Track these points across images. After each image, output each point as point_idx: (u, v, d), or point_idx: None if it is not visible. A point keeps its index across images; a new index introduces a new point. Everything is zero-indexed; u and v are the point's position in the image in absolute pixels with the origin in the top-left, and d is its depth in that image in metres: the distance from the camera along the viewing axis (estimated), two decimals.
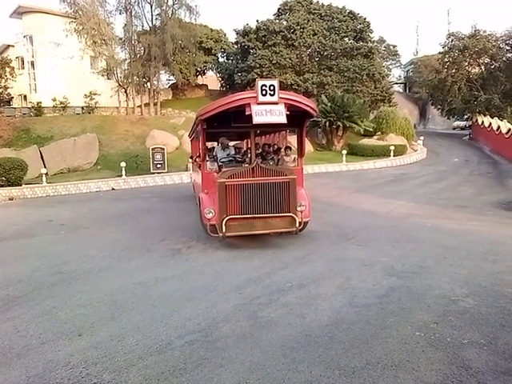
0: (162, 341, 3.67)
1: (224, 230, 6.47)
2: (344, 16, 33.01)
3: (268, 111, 6.22)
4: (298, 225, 6.65)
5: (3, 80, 27.11)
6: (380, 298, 4.59)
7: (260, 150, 9.66)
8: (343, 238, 7.45)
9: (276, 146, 10.13)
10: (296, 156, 8.73)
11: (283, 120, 6.26)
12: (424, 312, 4.18)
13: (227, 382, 3.03)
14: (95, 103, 29.67)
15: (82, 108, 29.81)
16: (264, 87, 6.23)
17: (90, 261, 6.56)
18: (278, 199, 6.62)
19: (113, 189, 17.94)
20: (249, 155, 9.70)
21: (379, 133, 28.31)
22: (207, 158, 8.48)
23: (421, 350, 3.42)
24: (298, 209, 6.80)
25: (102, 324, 4.09)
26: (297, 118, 7.28)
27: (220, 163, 8.46)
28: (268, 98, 6.23)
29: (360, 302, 4.46)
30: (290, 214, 6.65)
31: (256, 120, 6.17)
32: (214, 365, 3.25)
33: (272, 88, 6.24)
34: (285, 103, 6.37)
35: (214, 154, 9.00)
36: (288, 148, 9.26)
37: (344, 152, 23.64)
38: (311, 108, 7.13)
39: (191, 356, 3.39)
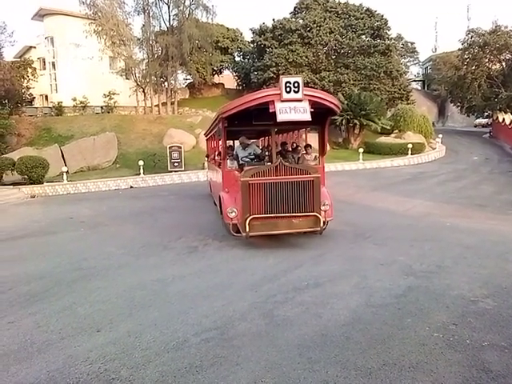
0: (178, 338, 3.72)
1: (247, 230, 6.40)
2: (361, 14, 32.65)
3: (292, 108, 6.10)
4: (322, 224, 6.55)
5: (25, 81, 27.71)
6: (397, 297, 4.54)
7: (279, 148, 9.52)
8: (360, 237, 7.39)
9: (295, 144, 9.97)
10: (317, 154, 8.57)
11: (307, 117, 6.14)
12: (442, 313, 4.12)
13: (243, 380, 3.05)
14: (114, 103, 30.10)
15: (102, 107, 30.29)
16: (288, 84, 6.10)
17: (109, 258, 6.68)
18: (302, 198, 6.50)
19: (131, 187, 18.19)
20: (268, 153, 9.52)
21: (397, 131, 27.93)
22: (227, 157, 8.32)
23: (439, 352, 3.37)
24: (322, 208, 6.66)
25: (120, 320, 4.16)
26: (319, 115, 7.11)
27: (241, 162, 8.39)
28: (292, 95, 6.11)
29: (377, 302, 4.42)
30: (314, 214, 6.53)
31: (280, 118, 6.07)
32: (230, 363, 3.27)
33: (296, 85, 6.11)
34: (309, 100, 6.25)
35: (235, 152, 8.91)
36: (309, 146, 9.02)
37: (361, 150, 23.42)
38: (335, 105, 6.99)
39: (207, 353, 3.42)
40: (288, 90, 6.09)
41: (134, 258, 6.61)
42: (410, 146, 24.19)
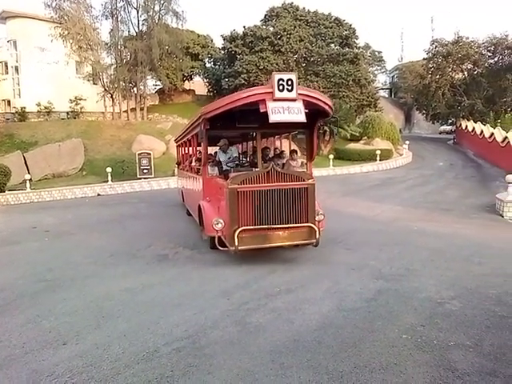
0: (148, 348, 3.62)
1: (237, 244, 5.73)
2: (330, 23, 33.35)
3: (285, 109, 5.58)
4: (318, 235, 6.01)
5: None
6: (368, 301, 4.61)
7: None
8: (331, 242, 7.47)
9: (278, 150, 9.46)
10: (304, 160, 8.07)
11: (302, 119, 5.64)
12: (411, 315, 4.21)
13: None
14: (81, 108, 29.37)
15: (68, 113, 29.49)
16: (281, 82, 5.57)
17: (76, 268, 6.46)
18: (296, 207, 5.98)
19: (98, 194, 17.75)
20: (247, 159, 9.27)
21: (365, 137, 28.59)
22: (208, 162, 7.74)
23: (408, 353, 3.43)
24: (317, 218, 6.19)
25: (88, 332, 4.02)
26: (308, 118, 6.49)
27: (225, 167, 7.96)
28: (285, 94, 5.60)
29: (348, 306, 4.47)
30: (309, 224, 6.02)
31: (273, 118, 5.52)
32: (202, 372, 3.22)
33: (290, 83, 5.60)
34: (303, 100, 5.77)
35: (217, 158, 8.37)
36: (294, 151, 8.50)
37: (331, 156, 23.80)
38: (329, 106, 6.53)
39: (178, 363, 3.35)
40: (281, 88, 5.58)
41: (102, 268, 6.42)
42: (378, 152, 24.80)
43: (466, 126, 31.33)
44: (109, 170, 18.77)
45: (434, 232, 8.31)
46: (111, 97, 29.43)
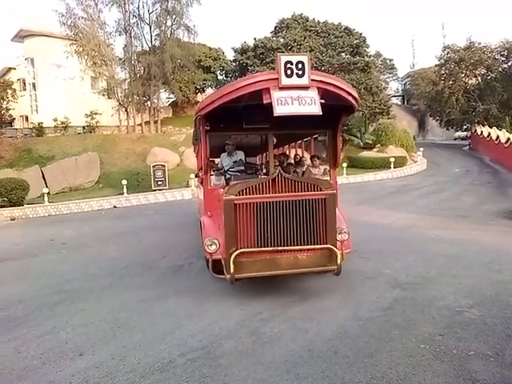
0: (163, 359, 3.63)
1: (232, 270, 4.58)
2: (340, 32, 33.47)
3: (295, 99, 4.50)
4: (339, 261, 4.77)
5: (5, 102, 27.39)
6: (384, 310, 4.54)
7: (276, 162, 7.44)
8: None
9: (298, 157, 8.37)
10: (326, 167, 6.89)
11: (316, 110, 4.50)
12: (429, 324, 4.13)
13: None
14: (96, 122, 29.94)
15: (84, 127, 30.07)
16: (289, 65, 4.49)
17: (92, 279, 6.53)
18: (311, 224, 4.82)
19: (114, 207, 17.96)
20: (263, 168, 7.75)
21: (379, 145, 28.39)
22: (211, 171, 6.60)
23: (426, 363, 3.37)
24: (339, 237, 5.01)
25: (104, 343, 4.05)
26: (329, 115, 5.22)
27: (228, 175, 6.65)
28: (295, 81, 4.52)
29: (363, 315, 4.42)
30: (328, 246, 4.82)
31: (278, 111, 4.44)
32: (217, 382, 3.21)
33: (301, 66, 4.51)
34: (318, 88, 4.64)
35: (220, 164, 7.04)
36: (315, 157, 7.34)
37: (344, 165, 23.68)
38: (353, 97, 5.26)
39: (193, 374, 3.34)
40: (289, 73, 4.50)
41: (118, 279, 6.48)
42: (392, 159, 24.59)
43: (482, 132, 30.87)
44: (124, 182, 19.03)
45: (451, 239, 8.17)
46: (126, 110, 29.93)
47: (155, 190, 19.71)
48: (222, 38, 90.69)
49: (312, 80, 4.62)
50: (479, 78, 35.76)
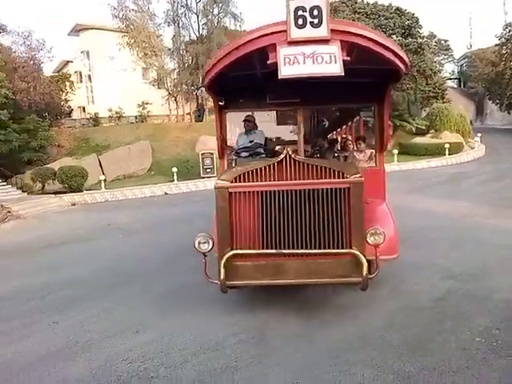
0: (216, 338, 3.76)
1: (223, 276, 3.75)
2: (391, 13, 32.06)
3: (308, 56, 3.46)
4: (366, 272, 3.67)
5: (64, 94, 28.98)
6: (436, 301, 4.41)
7: (313, 145, 6.45)
8: None
9: (340, 138, 7.17)
10: (373, 151, 5.65)
11: (338, 70, 3.44)
12: (485, 317, 3.96)
13: (278, 381, 3.05)
14: (147, 112, 30.97)
15: (136, 117, 31.22)
16: (301, 12, 3.46)
17: (146, 263, 6.84)
18: (329, 221, 3.79)
19: (166, 193, 18.60)
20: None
21: (433, 131, 27.14)
22: (226, 154, 5.78)
23: (481, 357, 3.24)
24: (370, 240, 3.77)
25: (159, 322, 4.25)
26: (372, 84, 4.50)
27: (234, 157, 5.69)
28: (309, 32, 3.47)
29: (414, 305, 4.31)
30: (352, 251, 3.74)
31: (284, 72, 3.44)
32: (265, 364, 3.29)
33: (316, 13, 3.46)
34: (341, 41, 3.52)
35: (236, 145, 5.97)
36: (360, 139, 6.13)
37: (395, 152, 22.90)
38: (399, 57, 3.97)
39: (243, 354, 3.44)
40: (301, 22, 3.47)
41: (171, 263, 6.73)
42: (447, 145, 23.44)
43: None
44: (174, 169, 19.63)
45: (510, 229, 7.71)
46: (175, 100, 30.65)
47: (204, 178, 20.15)
48: (267, 23, 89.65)
49: (333, 31, 3.50)
50: None
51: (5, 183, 18.53)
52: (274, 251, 3.81)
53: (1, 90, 19.08)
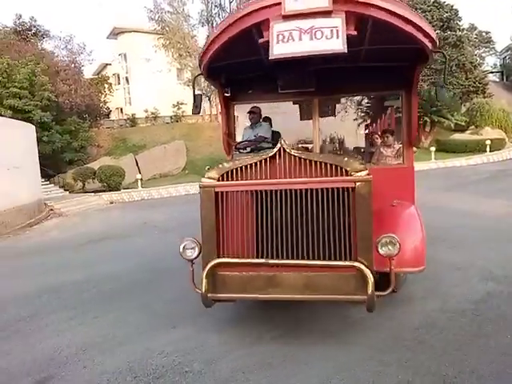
0: (251, 335, 3.81)
1: (205, 288, 3.36)
2: (428, 6, 31.07)
3: (306, 31, 3.00)
4: (371, 289, 3.09)
5: (103, 95, 30.01)
6: (475, 303, 4.27)
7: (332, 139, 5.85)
8: (433, 239, 6.98)
9: (366, 130, 6.19)
10: (401, 146, 4.87)
11: (339, 47, 2.96)
12: None
13: (312, 379, 3.06)
14: (182, 112, 31.54)
15: (171, 117, 31.88)
16: None
17: (182, 260, 6.96)
18: (329, 228, 3.25)
19: (199, 192, 18.88)
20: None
21: (473, 127, 26.16)
22: (232, 151, 5.28)
23: None
24: (382, 250, 3.21)
25: (195, 317, 4.33)
26: (397, 68, 4.04)
27: (235, 152, 5.16)
28: (307, 3, 3.02)
29: (452, 307, 4.20)
30: (354, 264, 3.16)
31: (275, 51, 3.04)
32: (299, 362, 3.30)
33: None
34: (347, 13, 3.03)
35: (242, 136, 5.49)
36: (388, 132, 5.28)
37: (433, 149, 22.24)
38: (422, 31, 3.35)
39: (277, 351, 3.47)
40: None
41: None
42: (488, 142, 22.55)
43: None
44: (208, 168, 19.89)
45: None
46: (208, 100, 31.04)
47: None
48: None
49: (336, 1, 2.99)
50: None
51: (48, 182, 19.40)
52: (261, 261, 3.32)
53: (44, 93, 19.98)
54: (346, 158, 3.28)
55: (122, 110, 37.00)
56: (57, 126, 21.01)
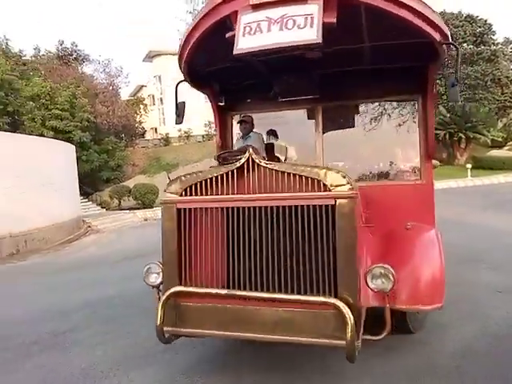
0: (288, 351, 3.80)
1: (159, 320, 2.85)
2: (460, 21, 30.73)
3: (276, 21, 2.57)
4: (351, 333, 2.47)
5: (138, 116, 31.14)
6: None
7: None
8: (469, 260, 6.80)
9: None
10: (418, 159, 4.18)
11: (312, 37, 2.45)
12: None
13: None
14: (214, 131, 32.19)
15: (203, 136, 32.62)
16: None
17: None
18: (304, 253, 2.70)
19: None
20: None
21: (511, 143, 25.28)
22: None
23: None
24: (372, 284, 2.73)
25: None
26: (411, 70, 3.62)
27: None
28: None
29: (492, 332, 4.04)
30: (328, 301, 2.54)
31: (241, 45, 2.61)
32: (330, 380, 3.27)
33: None
34: None
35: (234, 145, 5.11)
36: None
37: (469, 166, 21.62)
38: (430, 23, 2.83)
39: (307, 363, 3.45)
40: None
41: None
42: None
43: None
44: None
45: None
46: None
47: None
48: None
49: None
50: None
51: (86, 200, 20.17)
52: (222, 292, 2.76)
53: (84, 115, 20.98)
54: (324, 170, 2.68)
55: (156, 129, 38.21)
56: (95, 145, 21.95)
